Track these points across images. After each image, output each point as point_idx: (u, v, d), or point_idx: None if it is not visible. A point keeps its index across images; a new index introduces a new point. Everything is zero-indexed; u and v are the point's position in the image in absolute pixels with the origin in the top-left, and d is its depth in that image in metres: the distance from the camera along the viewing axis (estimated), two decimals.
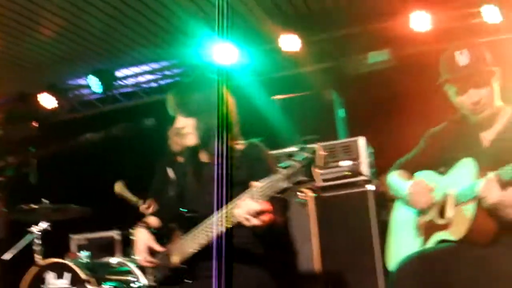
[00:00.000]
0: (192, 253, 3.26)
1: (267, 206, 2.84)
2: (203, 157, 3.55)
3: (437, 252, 3.21)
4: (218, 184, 3.05)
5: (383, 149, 5.36)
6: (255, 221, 2.83)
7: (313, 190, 2.68)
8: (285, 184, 2.66)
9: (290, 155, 2.67)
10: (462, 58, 3.30)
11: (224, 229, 3.00)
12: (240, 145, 3.42)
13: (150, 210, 6.34)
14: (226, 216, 2.96)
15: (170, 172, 3.71)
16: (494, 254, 3.08)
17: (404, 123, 5.95)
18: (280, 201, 3.02)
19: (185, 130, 3.45)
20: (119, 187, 6.41)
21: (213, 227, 3.08)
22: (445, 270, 3.02)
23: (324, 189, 5.37)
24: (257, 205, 2.80)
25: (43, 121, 9.17)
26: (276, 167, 2.72)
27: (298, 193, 2.70)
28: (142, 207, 6.35)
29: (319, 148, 2.61)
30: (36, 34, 7.23)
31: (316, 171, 2.58)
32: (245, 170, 3.22)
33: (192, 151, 3.55)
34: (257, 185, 2.80)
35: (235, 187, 3.14)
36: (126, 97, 9.17)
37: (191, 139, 3.46)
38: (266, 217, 2.86)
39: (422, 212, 3.56)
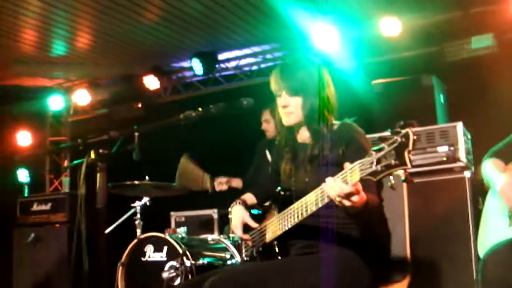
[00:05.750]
0: (284, 231, 3.32)
1: (358, 187, 2.81)
2: (300, 137, 3.56)
3: None
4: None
5: (482, 136, 5.26)
6: (346, 203, 2.83)
7: (405, 175, 2.62)
8: (374, 167, 2.65)
9: (382, 139, 2.65)
10: None
11: (315, 209, 3.06)
12: (334, 126, 3.39)
13: (224, 186, 6.50)
14: (320, 197, 3.01)
15: (267, 153, 3.78)
16: None
17: (505, 111, 5.82)
18: (373, 182, 3.01)
19: (289, 109, 3.40)
20: (184, 160, 6.56)
21: (306, 206, 3.12)
22: None
23: (420, 174, 5.37)
24: (347, 187, 2.77)
25: (147, 102, 9.48)
26: (369, 148, 2.70)
27: (390, 177, 2.64)
28: (219, 181, 6.49)
29: (411, 132, 2.58)
30: (141, 18, 7.43)
31: (408, 156, 2.57)
32: (338, 150, 3.21)
33: (291, 131, 3.55)
34: (348, 166, 2.81)
35: (330, 167, 3.20)
36: (227, 80, 9.33)
37: (293, 118, 3.42)
38: (356, 199, 2.84)
39: None
